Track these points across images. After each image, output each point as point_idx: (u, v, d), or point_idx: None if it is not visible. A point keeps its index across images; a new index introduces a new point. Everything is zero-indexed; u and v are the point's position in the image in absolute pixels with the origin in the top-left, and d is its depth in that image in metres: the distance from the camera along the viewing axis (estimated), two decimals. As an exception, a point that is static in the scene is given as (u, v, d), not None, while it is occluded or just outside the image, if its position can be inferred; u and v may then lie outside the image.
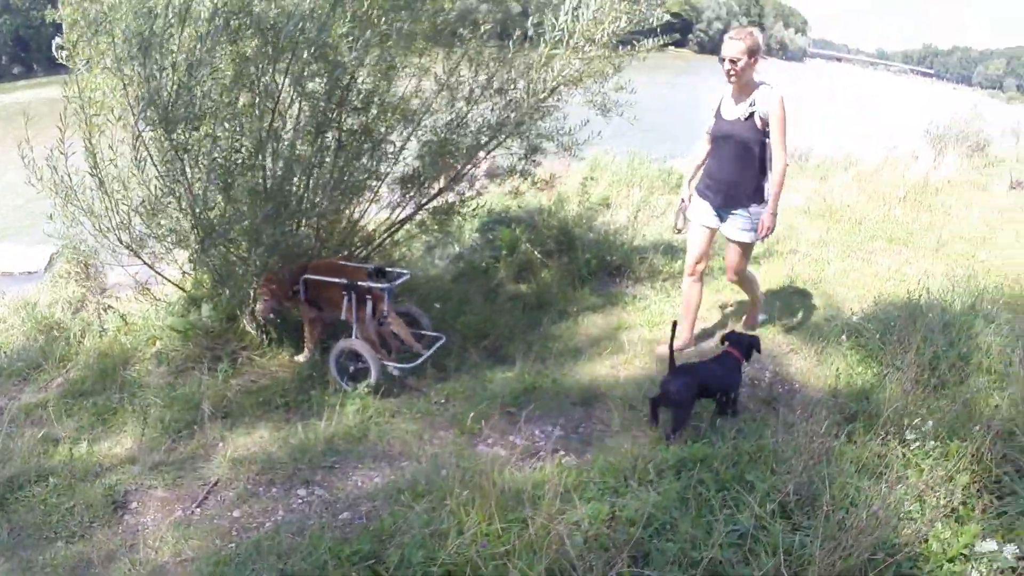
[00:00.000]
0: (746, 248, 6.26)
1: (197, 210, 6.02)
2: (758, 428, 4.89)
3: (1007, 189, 15.56)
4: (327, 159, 6.74)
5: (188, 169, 5.95)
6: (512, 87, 7.15)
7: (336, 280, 6.12)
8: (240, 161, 6.16)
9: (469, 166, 7.61)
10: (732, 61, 5.76)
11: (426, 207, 7.77)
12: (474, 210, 8.27)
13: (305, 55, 5.90)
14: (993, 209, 12.72)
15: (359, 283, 6.07)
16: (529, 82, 6.96)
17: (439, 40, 7.05)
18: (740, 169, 6.01)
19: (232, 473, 5.01)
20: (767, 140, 5.86)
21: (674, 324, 5.23)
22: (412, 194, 7.64)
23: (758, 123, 5.85)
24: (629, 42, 7.05)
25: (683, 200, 6.56)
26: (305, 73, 6.07)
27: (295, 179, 6.55)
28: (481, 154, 7.53)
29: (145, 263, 6.68)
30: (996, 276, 8.09)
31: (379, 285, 6.11)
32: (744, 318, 7.00)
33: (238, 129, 6.13)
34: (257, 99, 6.06)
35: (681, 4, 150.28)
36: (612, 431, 5.21)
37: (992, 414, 4.49)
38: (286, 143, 6.42)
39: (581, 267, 8.47)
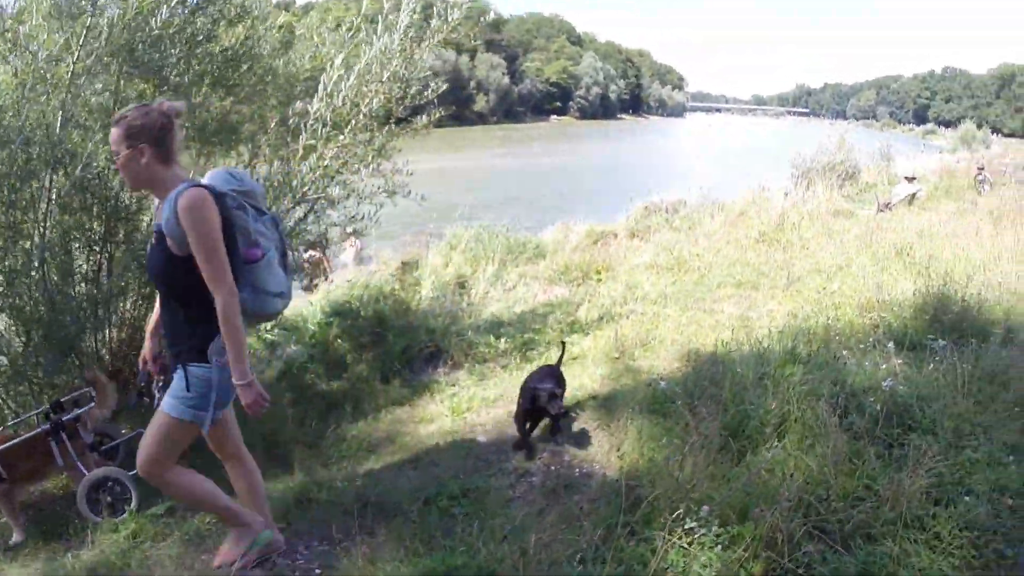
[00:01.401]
0: (167, 424, 3.97)
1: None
2: (531, 525, 4.39)
3: (874, 213, 15.47)
4: (102, 272, 6.52)
5: None
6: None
7: (33, 432, 5.62)
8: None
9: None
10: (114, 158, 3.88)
11: None
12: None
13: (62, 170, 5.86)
14: (855, 236, 12.42)
15: (63, 418, 5.59)
16: (289, 175, 6.71)
17: (218, 140, 6.81)
18: (169, 316, 3.98)
19: None
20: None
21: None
22: None
23: (171, 245, 3.73)
24: (405, 119, 7.00)
25: (143, 361, 4.49)
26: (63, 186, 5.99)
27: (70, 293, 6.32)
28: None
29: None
30: (846, 307, 7.77)
31: (84, 409, 5.75)
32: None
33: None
34: (18, 216, 5.87)
35: (559, 73, 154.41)
36: (377, 542, 4.74)
37: (787, 484, 3.88)
38: (57, 258, 6.20)
39: (394, 357, 8.11)
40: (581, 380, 6.89)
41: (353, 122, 6.54)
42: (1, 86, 5.63)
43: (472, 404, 6.89)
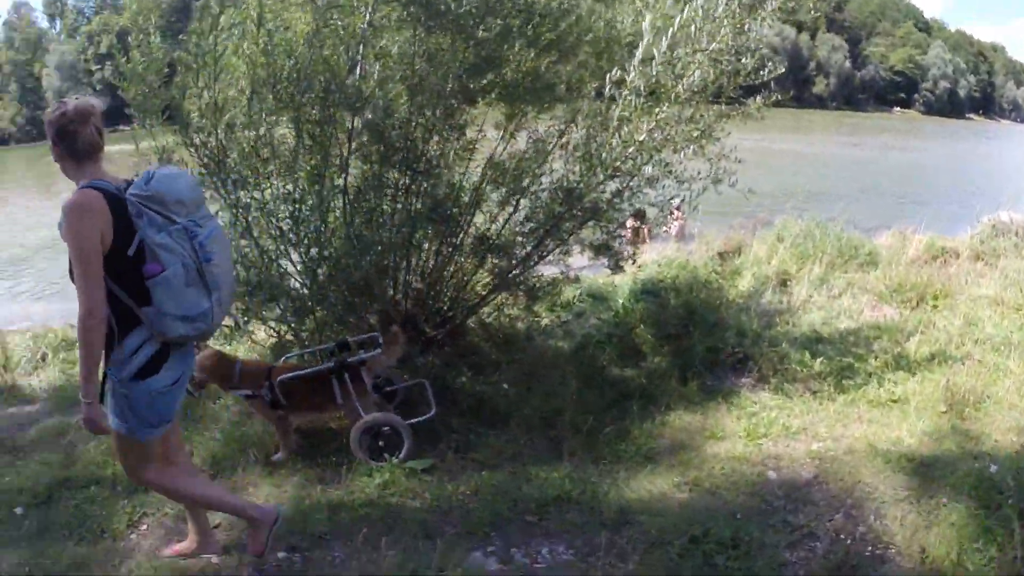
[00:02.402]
0: (118, 439, 3.91)
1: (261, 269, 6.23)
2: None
3: None
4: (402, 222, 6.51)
5: (254, 228, 6.20)
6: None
7: (319, 367, 5.81)
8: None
9: (554, 240, 7.00)
10: None
11: (519, 282, 7.29)
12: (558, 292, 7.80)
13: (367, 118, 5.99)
14: None
15: (348, 360, 5.68)
16: (600, 147, 6.22)
17: (528, 99, 6.57)
18: None
19: (235, 521, 4.85)
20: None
21: None
22: (501, 263, 7.14)
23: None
24: (737, 100, 6.30)
25: None
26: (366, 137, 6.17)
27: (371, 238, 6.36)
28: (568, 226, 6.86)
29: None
30: None
31: (371, 354, 5.81)
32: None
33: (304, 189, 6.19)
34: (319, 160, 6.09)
35: (905, 62, 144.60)
36: (627, 570, 4.30)
37: None
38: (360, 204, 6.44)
39: (697, 356, 7.35)
40: (898, 432, 5.94)
41: (672, 95, 5.89)
42: (300, 35, 5.82)
43: (771, 430, 6.13)
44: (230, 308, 3.94)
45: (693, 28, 5.75)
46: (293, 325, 6.62)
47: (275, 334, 6.93)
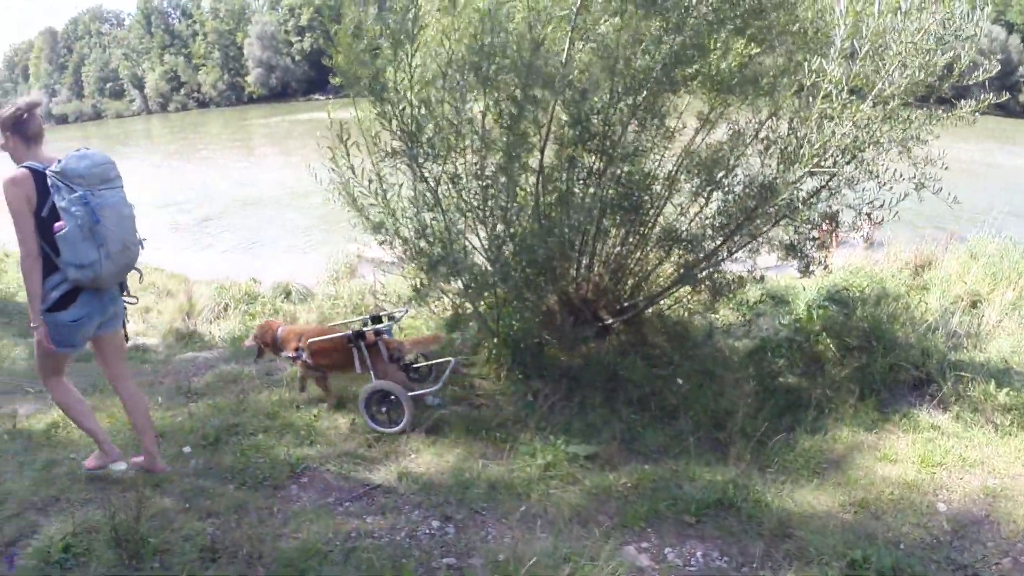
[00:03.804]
0: (39, 349, 4.86)
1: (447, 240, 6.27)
2: None
3: None
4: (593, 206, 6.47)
5: (443, 201, 6.27)
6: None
7: (339, 335, 6.31)
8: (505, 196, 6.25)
9: (744, 237, 6.75)
10: None
11: (704, 276, 7.10)
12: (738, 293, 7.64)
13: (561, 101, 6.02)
14: None
15: (363, 329, 6.24)
16: (800, 142, 5.93)
17: (733, 90, 6.44)
18: None
19: (394, 484, 5.17)
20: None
21: None
22: (688, 256, 7.01)
23: None
24: (948, 101, 5.83)
25: None
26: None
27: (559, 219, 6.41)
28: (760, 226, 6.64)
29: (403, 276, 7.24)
30: None
31: (379, 326, 6.32)
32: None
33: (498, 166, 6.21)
34: (518, 139, 6.06)
35: None
36: None
37: None
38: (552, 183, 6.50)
39: (877, 373, 7.01)
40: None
41: (876, 89, 5.54)
42: (499, 14, 5.79)
43: (946, 459, 5.76)
44: (126, 262, 4.77)
45: (897, 15, 5.42)
46: (472, 299, 6.74)
47: (453, 307, 7.09)
